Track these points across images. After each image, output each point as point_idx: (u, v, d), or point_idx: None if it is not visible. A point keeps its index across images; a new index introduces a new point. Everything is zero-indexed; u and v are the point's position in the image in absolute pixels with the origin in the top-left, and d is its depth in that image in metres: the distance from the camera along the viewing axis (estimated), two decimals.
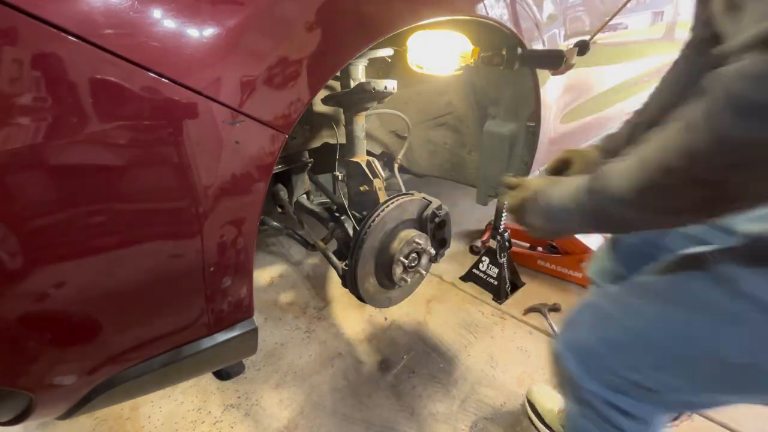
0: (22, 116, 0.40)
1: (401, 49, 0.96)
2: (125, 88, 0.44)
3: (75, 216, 0.46)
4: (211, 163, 0.53)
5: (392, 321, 1.47)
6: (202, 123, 0.50)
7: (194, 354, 0.63)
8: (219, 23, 0.50)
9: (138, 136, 0.47)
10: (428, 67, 0.94)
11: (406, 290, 1.13)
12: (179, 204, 0.52)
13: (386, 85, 0.90)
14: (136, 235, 0.51)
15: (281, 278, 1.72)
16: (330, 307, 1.54)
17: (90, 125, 0.43)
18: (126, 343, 0.57)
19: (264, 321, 1.46)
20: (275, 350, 1.33)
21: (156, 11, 0.45)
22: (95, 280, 0.50)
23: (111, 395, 0.59)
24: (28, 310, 0.46)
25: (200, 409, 1.13)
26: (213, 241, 0.57)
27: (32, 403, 0.53)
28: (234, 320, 0.67)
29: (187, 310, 0.61)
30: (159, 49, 0.46)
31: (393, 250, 0.97)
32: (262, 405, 1.14)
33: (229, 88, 0.51)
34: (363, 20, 0.65)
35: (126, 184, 0.48)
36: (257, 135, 0.56)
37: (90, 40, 0.41)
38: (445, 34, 0.89)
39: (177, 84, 0.47)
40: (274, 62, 0.55)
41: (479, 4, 0.86)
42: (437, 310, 1.52)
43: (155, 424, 1.08)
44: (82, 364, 0.54)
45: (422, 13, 0.73)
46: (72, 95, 0.42)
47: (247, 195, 0.58)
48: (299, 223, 1.28)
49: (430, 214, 1.03)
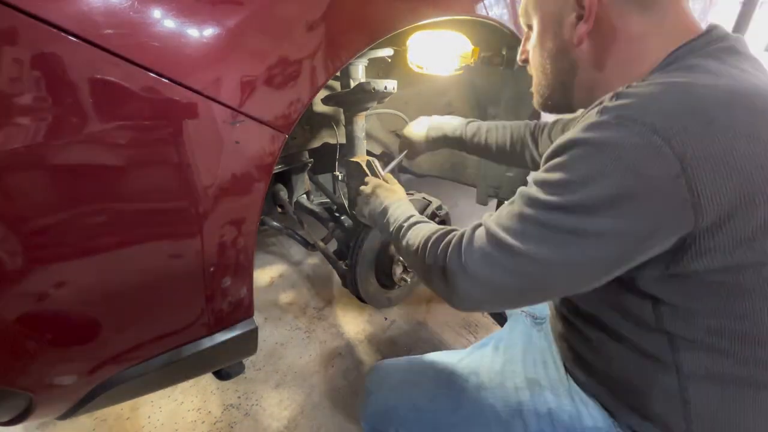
0: (22, 116, 0.40)
1: (401, 49, 0.96)
2: (125, 88, 0.44)
3: (75, 216, 0.46)
4: (211, 163, 0.53)
5: (392, 321, 1.47)
6: (202, 123, 0.50)
7: (194, 354, 0.63)
8: (219, 23, 0.49)
9: (138, 136, 0.47)
10: (428, 67, 0.94)
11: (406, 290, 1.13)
12: (179, 204, 0.52)
13: (386, 85, 0.89)
14: (136, 235, 0.51)
15: (281, 278, 1.72)
16: (330, 307, 1.54)
17: (90, 125, 0.43)
18: (126, 343, 0.57)
19: (264, 321, 1.46)
20: (275, 350, 1.33)
21: (156, 11, 0.45)
22: (95, 280, 0.50)
23: (111, 395, 0.59)
24: (28, 310, 0.46)
25: (200, 409, 1.13)
26: (213, 241, 0.57)
27: (32, 403, 0.53)
28: (234, 320, 0.67)
29: (187, 310, 0.61)
30: (159, 49, 0.46)
31: (393, 250, 0.97)
32: (262, 405, 1.14)
33: (229, 88, 0.51)
34: (363, 20, 0.65)
35: (126, 184, 0.48)
36: (257, 135, 0.56)
37: (90, 40, 0.41)
38: (445, 34, 0.89)
39: (177, 84, 0.47)
40: (274, 62, 0.55)
41: (479, 4, 0.86)
42: (437, 310, 1.52)
43: (155, 424, 1.08)
44: (82, 364, 0.54)
45: (422, 13, 0.73)
46: (72, 95, 0.42)
47: (247, 195, 0.58)
48: (299, 223, 1.28)
49: (430, 214, 1.03)
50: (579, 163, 0.41)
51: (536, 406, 0.56)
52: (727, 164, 0.37)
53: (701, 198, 0.37)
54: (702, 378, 0.46)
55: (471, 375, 0.62)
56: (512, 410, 0.57)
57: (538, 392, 0.58)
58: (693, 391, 0.46)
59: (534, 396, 0.57)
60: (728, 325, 0.43)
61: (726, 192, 0.37)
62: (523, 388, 0.59)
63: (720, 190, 0.37)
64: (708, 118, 0.38)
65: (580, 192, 0.40)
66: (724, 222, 0.38)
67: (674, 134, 0.37)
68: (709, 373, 0.45)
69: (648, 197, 0.38)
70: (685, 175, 0.37)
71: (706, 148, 0.37)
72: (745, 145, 0.37)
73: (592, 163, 0.40)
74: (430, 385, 0.63)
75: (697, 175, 0.37)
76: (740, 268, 0.40)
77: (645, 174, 0.38)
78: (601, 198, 0.39)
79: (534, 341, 0.70)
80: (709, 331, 0.44)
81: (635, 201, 0.39)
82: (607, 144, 0.39)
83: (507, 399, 0.58)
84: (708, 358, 0.45)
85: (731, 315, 0.43)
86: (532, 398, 0.57)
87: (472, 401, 0.59)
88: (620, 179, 0.38)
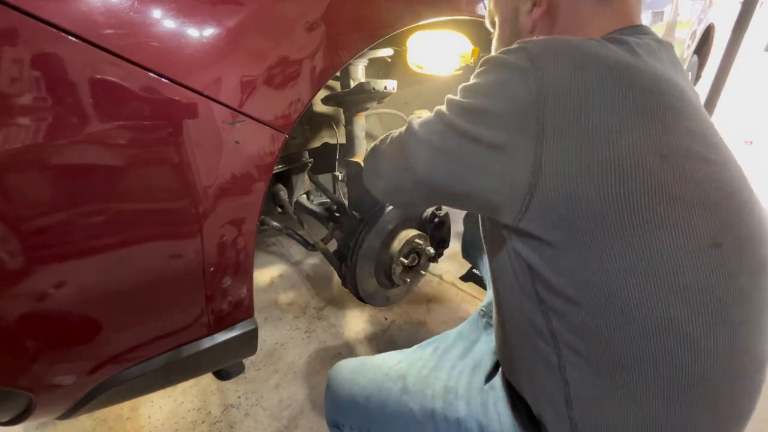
0: (22, 116, 0.40)
1: (401, 49, 0.96)
2: (125, 88, 0.44)
3: (75, 216, 0.46)
4: (211, 163, 0.53)
5: (392, 321, 1.47)
6: (202, 123, 0.50)
7: (194, 354, 0.63)
8: (219, 23, 0.50)
9: (138, 136, 0.47)
10: (428, 67, 0.94)
11: (405, 289, 1.13)
12: (179, 204, 0.52)
13: (386, 85, 0.90)
14: (136, 235, 0.51)
15: (281, 278, 1.72)
16: (330, 307, 1.54)
17: (90, 125, 0.43)
18: (126, 343, 0.57)
19: (264, 321, 1.46)
20: (275, 350, 1.33)
21: (156, 11, 0.45)
22: (95, 280, 0.50)
23: (111, 395, 0.59)
24: (28, 310, 0.46)
25: (200, 409, 1.13)
26: (213, 241, 0.57)
27: (32, 403, 0.53)
28: (234, 320, 0.67)
29: (187, 310, 0.61)
30: (159, 49, 0.46)
31: (393, 250, 0.97)
32: (262, 405, 1.14)
33: (229, 88, 0.51)
34: (363, 20, 0.65)
35: (126, 184, 0.48)
36: (257, 135, 0.56)
37: (90, 40, 0.41)
38: (445, 34, 0.89)
39: (177, 84, 0.47)
40: (274, 62, 0.55)
41: (479, 4, 0.86)
42: (437, 310, 1.52)
43: (155, 424, 1.08)
44: (82, 364, 0.54)
45: (422, 13, 0.73)
46: (72, 95, 0.42)
47: (247, 195, 0.58)
48: (299, 223, 1.28)
49: (429, 214, 1.03)
50: (477, 76, 0.49)
51: (446, 413, 0.59)
52: (579, 108, 0.40)
53: (545, 130, 0.41)
54: (575, 359, 0.45)
55: (399, 378, 0.66)
56: (426, 414, 0.60)
57: (452, 400, 0.60)
58: (569, 368, 0.46)
59: (446, 405, 0.60)
60: (578, 276, 0.43)
61: (569, 134, 0.41)
62: (439, 396, 0.61)
63: (564, 131, 0.41)
64: (580, 64, 0.42)
65: (468, 98, 0.48)
66: (561, 163, 0.41)
67: (544, 65, 0.42)
68: (571, 328, 0.45)
69: (504, 115, 0.44)
70: (538, 104, 0.41)
71: (565, 86, 0.41)
72: (599, 99, 0.41)
73: (481, 77, 0.48)
74: (367, 385, 0.67)
75: (548, 107, 0.41)
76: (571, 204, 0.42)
77: (509, 94, 0.43)
78: (473, 105, 0.47)
79: (478, 345, 0.73)
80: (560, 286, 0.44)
81: (493, 115, 0.45)
82: (497, 63, 0.46)
83: (423, 405, 0.61)
84: (568, 313, 0.44)
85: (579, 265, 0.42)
86: (444, 407, 0.60)
87: (396, 403, 0.63)
88: (491, 96, 0.45)
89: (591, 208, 0.40)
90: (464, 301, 1.57)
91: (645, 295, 0.40)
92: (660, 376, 0.41)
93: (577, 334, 0.44)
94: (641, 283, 0.40)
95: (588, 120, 0.40)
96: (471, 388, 0.62)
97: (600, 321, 0.42)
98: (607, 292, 0.41)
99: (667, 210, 0.39)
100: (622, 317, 0.41)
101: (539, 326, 0.48)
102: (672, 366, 0.40)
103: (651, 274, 0.40)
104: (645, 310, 0.40)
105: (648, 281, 0.40)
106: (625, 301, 0.40)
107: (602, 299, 0.41)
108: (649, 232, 0.39)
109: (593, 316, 0.42)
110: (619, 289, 0.40)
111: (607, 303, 0.41)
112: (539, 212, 0.43)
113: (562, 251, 0.43)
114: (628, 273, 0.40)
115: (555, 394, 0.48)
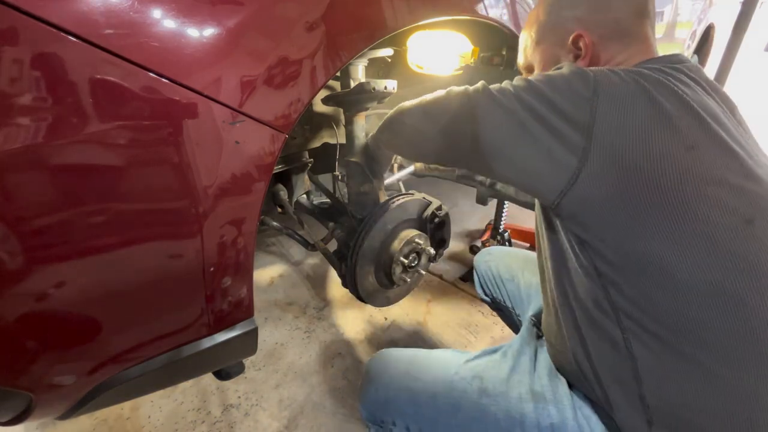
0: (22, 116, 0.40)
1: (401, 49, 0.96)
2: (125, 88, 0.44)
3: (75, 216, 0.46)
4: (211, 163, 0.53)
5: (392, 321, 1.47)
6: (202, 123, 0.50)
7: (194, 354, 0.63)
8: (219, 23, 0.50)
9: (138, 136, 0.47)
10: (428, 67, 0.94)
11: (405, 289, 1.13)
12: (179, 204, 0.52)
13: (386, 85, 0.89)
14: (136, 235, 0.51)
15: (281, 278, 1.72)
16: (330, 307, 1.54)
17: (90, 125, 0.43)
18: (126, 344, 0.57)
19: (264, 321, 1.46)
20: (275, 350, 1.33)
21: (156, 11, 0.45)
22: (95, 280, 0.50)
23: (111, 395, 0.59)
24: (28, 310, 0.46)
25: (200, 409, 1.13)
26: (213, 241, 0.57)
27: (32, 403, 0.53)
28: (234, 320, 0.67)
29: (187, 310, 0.61)
30: (159, 49, 0.46)
31: (393, 250, 0.97)
32: (262, 405, 1.14)
33: (229, 88, 0.51)
34: (363, 20, 0.65)
35: (126, 184, 0.48)
36: (257, 135, 0.56)
37: (90, 40, 0.41)
38: (445, 34, 0.89)
39: (177, 84, 0.47)
40: (274, 62, 0.55)
41: (479, 4, 0.86)
42: (437, 310, 1.52)
43: (155, 424, 1.08)
44: (82, 364, 0.54)
45: (422, 13, 0.73)
46: (72, 95, 0.42)
47: (247, 195, 0.58)
48: (299, 223, 1.28)
49: (429, 214, 1.03)
50: (555, 73, 0.54)
51: (539, 419, 0.56)
52: (626, 112, 0.47)
53: (595, 123, 0.47)
54: (639, 331, 0.48)
55: (475, 379, 0.62)
56: (513, 420, 0.57)
57: (543, 405, 0.57)
58: (634, 343, 0.49)
59: (538, 408, 0.57)
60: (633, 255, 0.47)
61: (618, 133, 0.47)
62: (528, 399, 0.58)
63: (612, 127, 0.47)
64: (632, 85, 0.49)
65: (543, 85, 0.53)
66: (610, 158, 0.47)
67: (601, 74, 0.50)
68: (627, 298, 0.48)
69: (563, 102, 0.50)
70: (590, 100, 0.48)
71: (616, 93, 0.48)
72: (646, 112, 0.48)
73: (556, 74, 0.53)
74: (432, 382, 0.63)
75: (601, 104, 0.48)
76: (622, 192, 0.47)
77: (572, 88, 0.50)
78: (546, 94, 0.52)
79: (542, 353, 0.69)
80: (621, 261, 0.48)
81: (558, 106, 0.50)
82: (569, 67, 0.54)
83: (509, 409, 0.58)
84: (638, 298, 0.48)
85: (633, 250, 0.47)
86: (536, 411, 0.57)
87: (473, 406, 0.59)
88: (559, 91, 0.51)
89: (641, 177, 0.46)
90: (464, 301, 1.57)
91: (683, 260, 0.44)
92: (720, 343, 0.44)
93: (634, 303, 0.48)
94: (678, 248, 0.44)
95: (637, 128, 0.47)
96: (557, 393, 0.59)
97: (649, 288, 0.46)
98: (645, 260, 0.46)
99: (702, 190, 0.45)
100: (668, 282, 0.45)
101: (601, 302, 0.50)
102: (727, 328, 0.44)
103: (686, 242, 0.44)
104: (686, 275, 0.44)
105: (684, 248, 0.44)
106: (662, 267, 0.45)
107: (640, 267, 0.46)
108: (686, 204, 0.45)
109: (641, 285, 0.47)
110: (656, 256, 0.45)
111: (645, 270, 0.46)
112: (592, 181, 0.48)
113: (606, 225, 0.48)
114: (665, 241, 0.45)
115: (624, 373, 0.49)
